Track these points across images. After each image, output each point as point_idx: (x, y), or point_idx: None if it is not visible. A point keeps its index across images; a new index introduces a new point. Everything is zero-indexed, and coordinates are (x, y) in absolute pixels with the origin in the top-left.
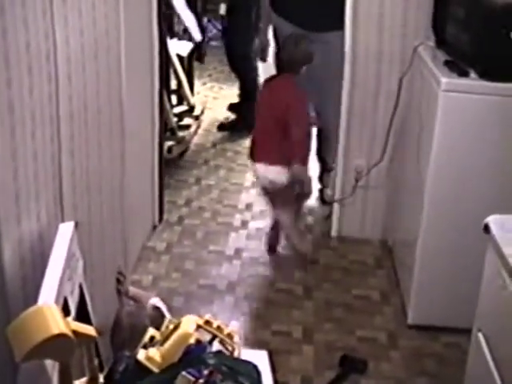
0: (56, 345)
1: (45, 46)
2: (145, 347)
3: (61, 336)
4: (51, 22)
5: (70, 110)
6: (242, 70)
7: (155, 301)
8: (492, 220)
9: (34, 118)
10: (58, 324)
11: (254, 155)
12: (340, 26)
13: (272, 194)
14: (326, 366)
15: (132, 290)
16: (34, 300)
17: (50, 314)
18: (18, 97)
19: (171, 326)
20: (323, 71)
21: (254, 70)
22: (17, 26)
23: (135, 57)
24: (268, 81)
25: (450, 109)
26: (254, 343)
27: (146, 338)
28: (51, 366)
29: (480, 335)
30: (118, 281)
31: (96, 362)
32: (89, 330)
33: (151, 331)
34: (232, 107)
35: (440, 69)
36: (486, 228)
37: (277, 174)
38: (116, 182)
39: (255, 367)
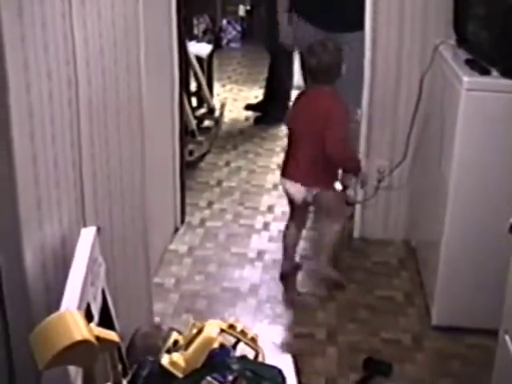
0: (79, 351)
1: (64, 49)
2: (168, 352)
3: (84, 342)
4: (70, 25)
5: (90, 113)
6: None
7: None
8: None
9: (53, 122)
10: (81, 330)
11: (283, 171)
12: (360, 26)
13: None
14: (350, 368)
15: None
16: (57, 306)
17: (72, 320)
18: (38, 101)
19: (195, 331)
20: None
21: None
22: (35, 29)
23: (155, 59)
24: (303, 93)
25: (473, 107)
26: (278, 345)
27: (170, 343)
28: (74, 372)
29: (507, 337)
30: None
31: (120, 367)
32: (112, 335)
33: (175, 335)
34: (249, 107)
35: (461, 67)
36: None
37: (301, 191)
38: (137, 185)
39: (280, 372)
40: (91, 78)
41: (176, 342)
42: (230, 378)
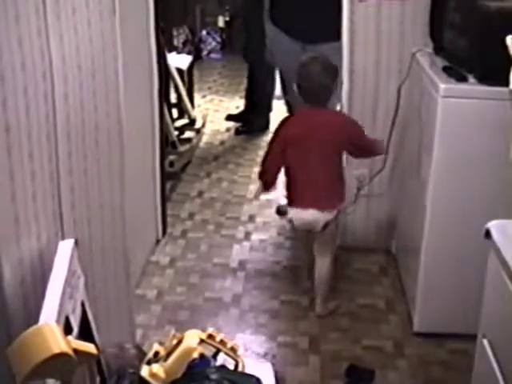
0: (57, 364)
1: (41, 64)
2: (149, 363)
3: (62, 355)
4: (46, 40)
5: (68, 128)
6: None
7: None
8: (493, 225)
9: (30, 137)
10: (59, 343)
11: (295, 201)
12: (336, 37)
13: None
14: (333, 376)
15: None
16: (36, 320)
17: (50, 334)
18: (15, 117)
19: (175, 341)
20: None
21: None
22: (11, 45)
23: (133, 72)
24: (294, 120)
25: (450, 114)
26: (260, 355)
27: (151, 354)
28: None
29: (485, 341)
30: None
31: (98, 379)
32: (90, 348)
33: (156, 346)
34: (230, 117)
35: (438, 75)
36: (488, 233)
37: (324, 216)
38: (116, 197)
39: (258, 380)
40: (68, 93)
41: (157, 353)
42: None
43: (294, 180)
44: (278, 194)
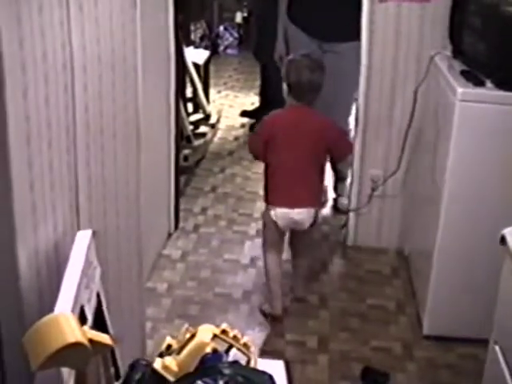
0: (72, 353)
1: (61, 55)
2: (161, 356)
3: (77, 344)
4: (68, 31)
5: (86, 119)
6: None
7: None
8: (509, 232)
9: (50, 127)
10: (74, 332)
11: (280, 200)
12: (354, 37)
13: (296, 234)
14: (341, 376)
15: None
16: (50, 309)
17: (65, 323)
18: (34, 106)
19: (188, 335)
20: (335, 81)
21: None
22: (34, 34)
23: (152, 65)
24: (281, 115)
25: (467, 119)
26: (269, 353)
27: (163, 347)
28: (67, 374)
29: (497, 348)
30: None
31: (112, 370)
32: (105, 338)
33: (168, 339)
34: (245, 113)
35: (456, 78)
36: (503, 240)
37: (308, 214)
38: (132, 190)
39: (271, 377)
40: (88, 83)
41: (169, 347)
42: (221, 382)
43: (275, 178)
44: None
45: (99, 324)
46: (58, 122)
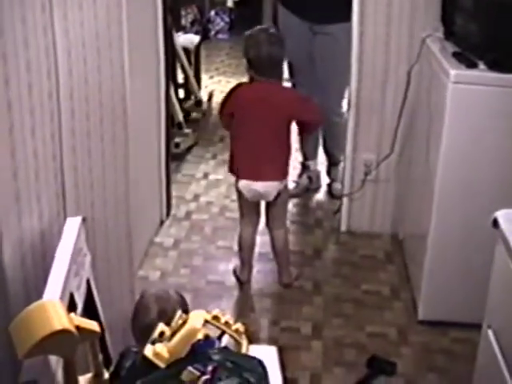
0: (59, 340)
1: (44, 40)
2: (153, 343)
3: (63, 332)
4: (50, 16)
5: (71, 105)
6: None
7: None
8: (501, 215)
9: (33, 115)
10: (61, 319)
11: (244, 172)
12: (345, 18)
13: (267, 206)
14: (335, 362)
15: None
16: (36, 298)
17: (52, 310)
18: (17, 94)
19: (180, 322)
20: (327, 64)
21: None
22: (14, 22)
23: (140, 50)
24: (246, 88)
25: (459, 100)
26: (263, 339)
27: (156, 334)
28: (55, 361)
29: (490, 332)
30: None
31: (101, 357)
32: (92, 325)
33: (161, 326)
34: None
35: (449, 60)
36: (495, 223)
37: (272, 187)
38: (120, 177)
39: (260, 363)
40: (72, 69)
41: (162, 333)
42: (210, 368)
43: (239, 150)
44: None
45: (90, 311)
46: (42, 109)
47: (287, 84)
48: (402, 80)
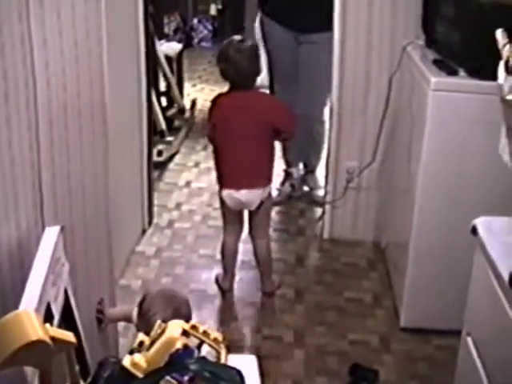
0: (34, 351)
1: (21, 50)
2: (132, 352)
3: (39, 342)
4: (27, 24)
5: (49, 114)
6: None
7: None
8: (479, 222)
9: (9, 124)
10: (36, 330)
11: (227, 181)
12: (330, 27)
13: (250, 214)
14: (317, 371)
15: (113, 311)
16: (12, 307)
17: (27, 321)
18: None
19: (158, 331)
20: (311, 72)
21: None
22: None
23: (120, 58)
24: (224, 98)
25: (440, 108)
26: (246, 348)
27: (136, 344)
28: (31, 372)
29: (469, 339)
30: (99, 311)
31: (78, 368)
32: (68, 336)
33: (141, 336)
34: None
35: (429, 68)
36: (474, 230)
37: (254, 195)
38: (100, 186)
39: (239, 372)
40: (50, 78)
41: (141, 343)
42: (186, 378)
43: (222, 160)
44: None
45: (68, 321)
46: (19, 118)
47: (265, 91)
48: (384, 87)
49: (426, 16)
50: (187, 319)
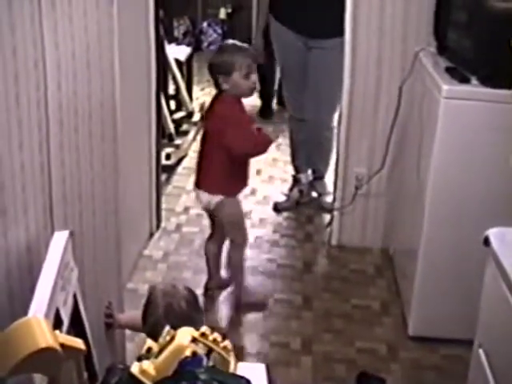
0: (43, 358)
1: (33, 52)
2: (140, 359)
3: (48, 349)
4: (40, 28)
5: (60, 117)
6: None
7: None
8: (492, 233)
9: (21, 127)
10: (46, 337)
11: (195, 181)
12: (340, 32)
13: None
14: (325, 378)
15: (122, 317)
16: (22, 312)
17: (37, 327)
18: (4, 106)
19: (168, 338)
20: (320, 78)
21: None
22: (3, 30)
23: (131, 62)
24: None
25: (451, 116)
26: (253, 355)
27: (144, 350)
28: (40, 379)
29: (481, 351)
30: (107, 315)
31: (86, 375)
32: (77, 343)
33: (149, 342)
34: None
35: (441, 75)
36: (486, 241)
37: (208, 198)
38: (109, 190)
39: (248, 382)
40: (61, 81)
41: (149, 349)
42: None
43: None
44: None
45: (77, 326)
46: (30, 121)
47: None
48: (394, 94)
49: (437, 23)
50: (187, 316)
